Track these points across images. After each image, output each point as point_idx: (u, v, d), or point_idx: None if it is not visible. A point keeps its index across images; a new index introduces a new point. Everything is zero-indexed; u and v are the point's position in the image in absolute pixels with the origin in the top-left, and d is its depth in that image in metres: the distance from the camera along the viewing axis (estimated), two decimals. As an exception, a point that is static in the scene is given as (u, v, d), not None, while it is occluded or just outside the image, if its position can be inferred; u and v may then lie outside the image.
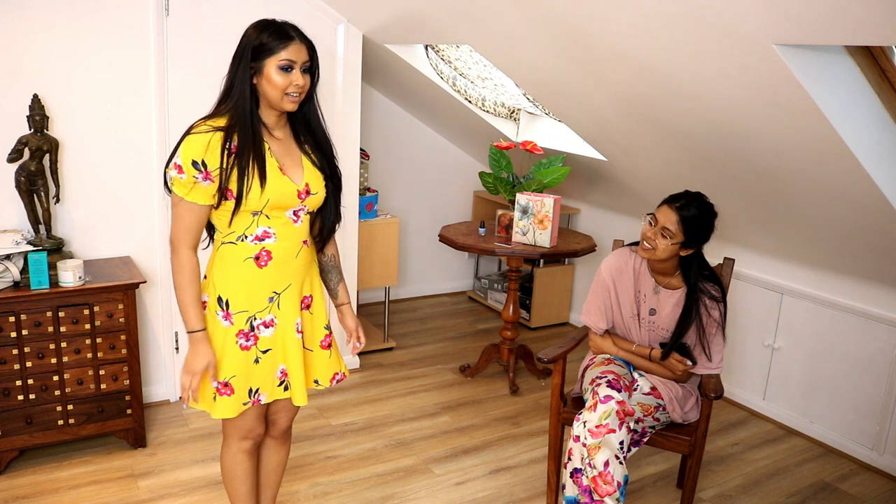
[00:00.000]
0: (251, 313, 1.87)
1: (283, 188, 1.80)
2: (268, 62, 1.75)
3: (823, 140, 2.20)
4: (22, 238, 2.71)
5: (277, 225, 1.83)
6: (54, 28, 2.77)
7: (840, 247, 2.91)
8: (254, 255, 1.83)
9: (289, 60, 1.75)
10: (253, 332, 1.88)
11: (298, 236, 1.89)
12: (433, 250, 4.97)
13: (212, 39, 3.05)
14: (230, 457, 2.03)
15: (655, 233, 2.36)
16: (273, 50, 1.74)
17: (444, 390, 3.62)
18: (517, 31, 2.63)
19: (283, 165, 1.83)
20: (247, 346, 1.87)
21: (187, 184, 1.73)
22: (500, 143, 3.65)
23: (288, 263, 1.87)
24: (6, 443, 2.66)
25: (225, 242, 1.84)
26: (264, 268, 1.84)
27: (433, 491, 2.74)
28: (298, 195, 1.84)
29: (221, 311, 1.85)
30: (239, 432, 2.00)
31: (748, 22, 1.84)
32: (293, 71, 1.76)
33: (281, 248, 1.85)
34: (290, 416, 2.11)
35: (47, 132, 2.74)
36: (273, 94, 1.77)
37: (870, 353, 3.04)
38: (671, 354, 2.43)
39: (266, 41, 1.75)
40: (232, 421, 1.96)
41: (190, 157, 1.72)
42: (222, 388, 1.87)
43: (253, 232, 1.82)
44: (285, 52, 1.75)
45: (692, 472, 2.42)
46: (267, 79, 1.76)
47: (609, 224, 4.31)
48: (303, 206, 1.87)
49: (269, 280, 1.86)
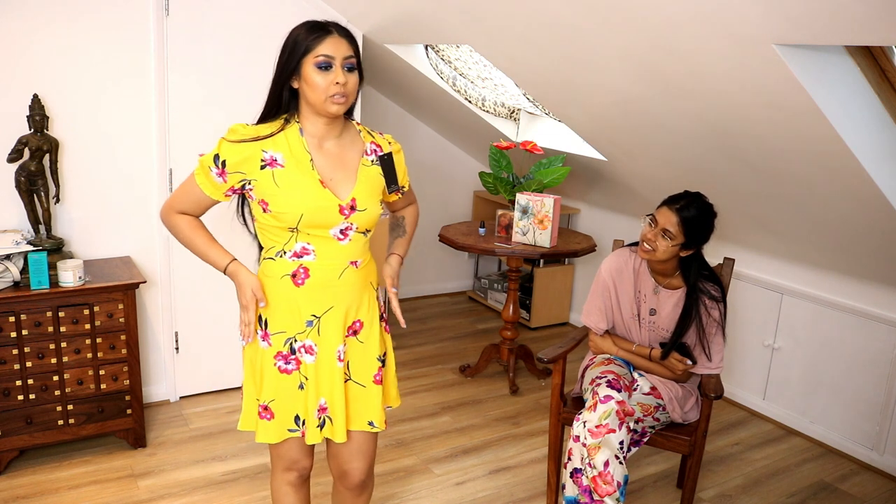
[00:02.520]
0: (290, 335, 1.74)
1: (320, 203, 1.65)
2: (305, 62, 1.60)
3: (823, 140, 2.20)
4: (22, 238, 2.71)
5: (317, 242, 1.69)
6: (54, 28, 2.77)
7: (840, 247, 2.91)
8: (290, 272, 1.70)
9: (326, 56, 1.59)
10: (294, 355, 1.75)
11: (344, 256, 1.72)
12: (433, 250, 4.97)
13: (212, 39, 3.05)
14: (276, 488, 1.93)
15: (655, 234, 2.36)
16: (308, 47, 1.59)
17: (444, 390, 3.62)
18: (517, 32, 2.63)
19: (327, 179, 1.68)
20: (286, 369, 1.75)
21: (203, 168, 1.68)
22: (500, 143, 3.65)
23: (329, 284, 1.72)
24: (6, 443, 2.66)
25: (266, 258, 1.75)
26: (301, 286, 1.71)
27: (433, 491, 2.74)
28: (341, 210, 1.67)
29: (261, 330, 1.76)
30: (282, 462, 1.87)
31: (748, 22, 1.84)
32: (333, 68, 1.60)
33: (320, 268, 1.70)
34: (364, 465, 1.89)
35: (47, 132, 2.74)
36: (315, 98, 1.62)
37: (870, 353, 3.04)
38: (671, 354, 2.43)
39: (301, 39, 1.61)
40: (275, 449, 1.85)
41: (215, 151, 1.66)
42: (262, 411, 1.77)
43: (291, 248, 1.69)
44: (321, 47, 1.59)
45: (692, 472, 2.42)
46: (306, 81, 1.61)
47: (609, 224, 4.31)
48: (350, 224, 1.70)
49: (306, 301, 1.72)
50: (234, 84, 3.14)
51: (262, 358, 1.77)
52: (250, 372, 1.81)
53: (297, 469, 1.89)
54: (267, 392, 1.77)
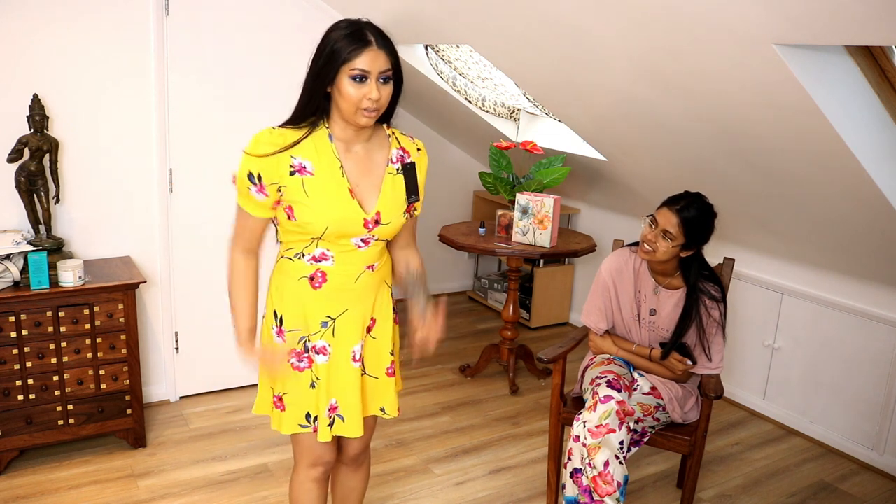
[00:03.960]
0: (304, 334, 1.76)
1: (347, 214, 1.64)
2: (341, 71, 1.55)
3: (823, 140, 2.20)
4: (22, 238, 2.71)
5: (337, 249, 1.69)
6: (54, 28, 2.77)
7: (840, 247, 2.91)
8: (308, 275, 1.71)
9: (361, 70, 1.54)
10: (307, 353, 1.76)
11: (361, 261, 1.73)
12: (433, 250, 4.96)
13: (212, 39, 3.05)
14: (298, 484, 1.92)
15: (656, 235, 2.36)
16: (346, 57, 1.54)
17: (444, 390, 3.62)
18: (517, 31, 2.63)
19: (355, 186, 1.66)
20: (299, 366, 1.77)
21: (242, 190, 1.65)
22: (500, 143, 3.65)
23: (345, 288, 1.73)
24: (6, 443, 2.65)
25: (284, 256, 1.75)
26: (318, 290, 1.72)
27: (433, 491, 2.74)
28: (365, 224, 1.67)
29: (276, 326, 1.77)
30: (307, 458, 1.88)
31: (748, 22, 1.84)
32: (368, 81, 1.56)
33: (337, 273, 1.71)
34: (361, 441, 1.96)
35: (47, 132, 2.74)
36: (346, 108, 1.59)
37: (870, 353, 3.04)
38: (671, 354, 2.43)
39: (339, 46, 1.55)
40: (300, 445, 1.87)
41: (247, 169, 1.62)
42: (277, 401, 1.81)
43: (311, 252, 1.69)
44: (359, 60, 1.54)
45: (692, 472, 2.42)
46: (339, 90, 1.57)
47: (609, 224, 4.31)
48: (373, 236, 1.70)
49: (323, 303, 1.73)
50: (234, 84, 3.14)
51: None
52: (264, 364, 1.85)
53: (322, 464, 1.91)
54: (280, 385, 1.80)
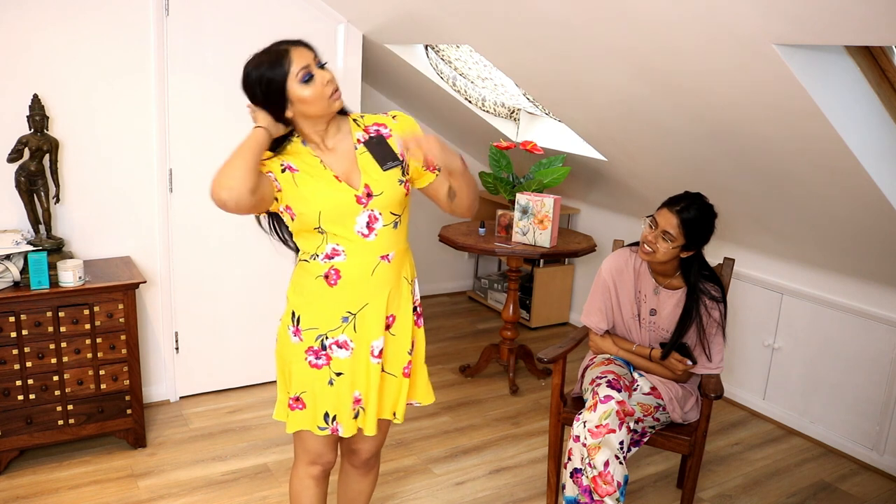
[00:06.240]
0: (322, 331, 1.78)
1: (337, 195, 1.70)
2: (287, 86, 1.63)
3: (823, 140, 2.20)
4: (22, 238, 2.71)
5: (346, 243, 1.73)
6: (54, 28, 2.77)
7: (840, 247, 2.91)
8: (323, 273, 1.75)
9: (303, 67, 1.62)
10: (324, 351, 1.79)
11: (374, 252, 1.75)
12: (433, 250, 4.97)
13: (212, 39, 3.05)
14: (297, 481, 1.95)
15: (656, 236, 2.36)
16: (283, 72, 1.62)
17: (444, 390, 3.62)
18: (517, 32, 2.63)
19: (340, 173, 1.73)
20: (317, 364, 1.79)
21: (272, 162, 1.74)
22: (500, 143, 3.65)
23: (362, 282, 1.76)
24: (6, 443, 2.65)
25: (301, 261, 1.80)
26: (335, 287, 1.75)
27: (433, 491, 2.74)
28: (358, 200, 1.72)
29: (292, 326, 1.80)
30: (307, 456, 1.91)
31: (748, 22, 1.84)
32: (313, 73, 1.64)
33: (351, 266, 1.74)
34: (373, 445, 1.98)
35: (47, 132, 2.74)
36: (316, 108, 1.65)
37: (870, 353, 3.04)
38: (671, 354, 2.43)
39: (269, 73, 1.63)
40: (301, 443, 1.90)
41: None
42: (294, 402, 1.82)
43: (323, 250, 1.74)
44: (294, 63, 1.62)
45: (692, 472, 2.42)
46: (299, 100, 1.64)
47: (609, 224, 4.31)
48: (372, 212, 1.73)
49: (341, 299, 1.76)
50: (234, 84, 3.10)
51: (292, 353, 1.81)
52: (281, 366, 1.87)
53: (322, 463, 1.93)
54: (296, 385, 1.82)
